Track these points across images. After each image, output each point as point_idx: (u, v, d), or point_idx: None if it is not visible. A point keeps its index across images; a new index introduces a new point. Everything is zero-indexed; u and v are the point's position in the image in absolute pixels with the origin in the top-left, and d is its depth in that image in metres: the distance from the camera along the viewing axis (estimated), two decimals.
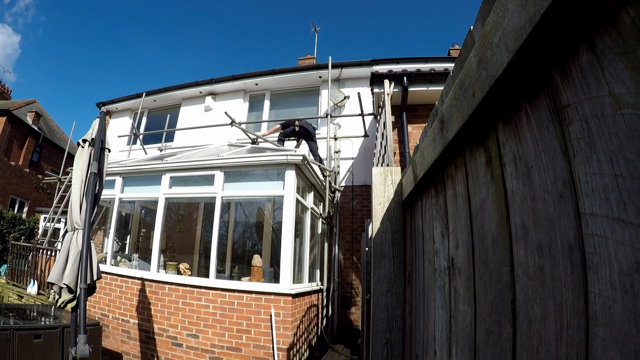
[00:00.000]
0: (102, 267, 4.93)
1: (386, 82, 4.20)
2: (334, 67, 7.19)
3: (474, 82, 0.54)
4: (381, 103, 4.52)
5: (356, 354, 4.31)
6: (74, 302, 2.48)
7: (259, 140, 6.84)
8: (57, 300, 2.51)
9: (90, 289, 2.55)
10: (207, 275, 4.35)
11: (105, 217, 6.74)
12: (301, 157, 4.27)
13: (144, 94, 9.13)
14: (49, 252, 6.63)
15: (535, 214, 0.43)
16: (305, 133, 6.08)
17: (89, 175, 2.65)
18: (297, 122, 6.05)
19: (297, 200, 4.50)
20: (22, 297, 6.43)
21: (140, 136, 8.40)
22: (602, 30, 0.32)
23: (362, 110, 6.07)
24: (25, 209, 13.82)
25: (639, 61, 0.28)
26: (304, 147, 6.38)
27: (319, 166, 5.31)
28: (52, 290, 2.51)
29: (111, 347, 4.53)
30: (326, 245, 5.64)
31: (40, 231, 10.58)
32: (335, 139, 6.83)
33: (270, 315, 3.82)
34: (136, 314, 4.48)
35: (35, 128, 15.93)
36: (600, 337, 0.31)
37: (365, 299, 2.60)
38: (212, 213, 4.59)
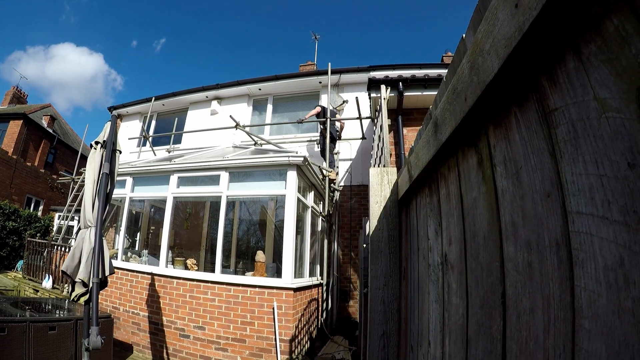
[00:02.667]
0: (114, 263, 4.94)
1: (383, 87, 4.19)
2: (333, 73, 7.19)
3: (466, 87, 0.54)
4: (378, 107, 4.51)
5: (354, 345, 4.31)
6: (87, 296, 2.48)
7: (262, 142, 6.84)
8: (70, 294, 2.52)
9: (102, 284, 2.55)
10: (213, 270, 4.35)
11: (116, 215, 6.74)
12: (302, 159, 4.27)
13: (153, 99, 9.12)
14: (63, 249, 6.63)
15: (524, 212, 0.43)
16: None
17: (101, 175, 2.65)
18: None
19: (298, 199, 4.50)
20: (37, 291, 6.43)
21: (150, 138, 8.40)
22: (588, 38, 0.32)
23: (359, 114, 6.07)
24: (41, 208, 13.81)
25: (623, 67, 0.28)
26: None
27: (319, 167, 5.31)
28: (66, 284, 2.52)
29: (122, 339, 4.52)
30: (326, 241, 5.64)
31: (54, 228, 10.59)
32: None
33: (273, 308, 3.82)
34: (146, 307, 4.48)
35: (50, 131, 15.92)
36: (586, 329, 0.31)
37: (363, 293, 2.60)
38: (218, 211, 4.59)
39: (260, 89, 8.25)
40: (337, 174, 6.35)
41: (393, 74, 6.17)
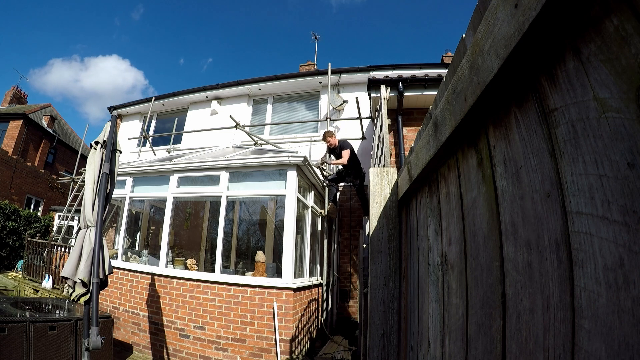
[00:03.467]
0: (114, 263, 4.94)
1: (383, 87, 4.20)
2: (333, 73, 7.19)
3: (466, 87, 0.54)
4: (378, 107, 4.51)
5: (354, 345, 4.31)
6: (87, 296, 2.48)
7: (262, 142, 6.84)
8: (70, 294, 2.52)
9: (102, 284, 2.55)
10: (213, 270, 4.35)
11: (116, 215, 6.74)
12: (302, 159, 4.27)
13: (153, 99, 9.12)
14: (63, 249, 6.63)
15: (524, 212, 0.43)
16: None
17: (101, 175, 2.65)
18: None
19: (298, 199, 4.50)
20: (37, 291, 6.43)
21: (150, 138, 8.40)
22: (588, 38, 0.32)
23: (359, 114, 6.07)
24: (41, 208, 13.81)
25: (623, 67, 0.28)
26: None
27: (319, 167, 5.31)
28: (66, 285, 2.52)
29: (122, 339, 4.52)
30: (326, 241, 5.64)
31: (54, 228, 10.59)
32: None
33: (273, 308, 3.82)
34: (146, 307, 4.48)
35: (50, 131, 15.92)
36: (586, 328, 0.31)
37: (363, 292, 2.59)
38: (218, 211, 4.59)
39: (260, 89, 8.26)
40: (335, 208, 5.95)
41: (393, 74, 6.17)
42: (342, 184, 6.60)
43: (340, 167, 5.36)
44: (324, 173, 5.44)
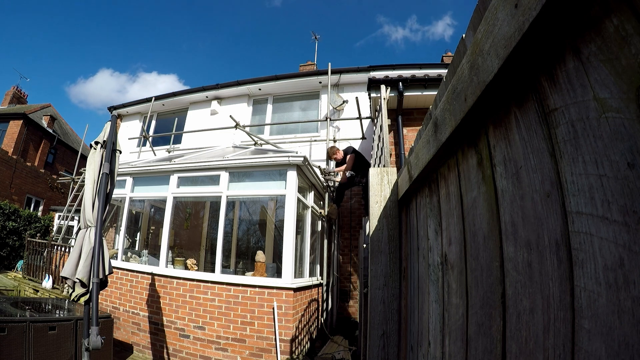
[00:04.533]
0: (114, 263, 4.94)
1: (383, 87, 4.19)
2: (333, 73, 7.19)
3: (466, 87, 0.54)
4: (378, 107, 4.51)
5: (354, 345, 4.31)
6: (87, 296, 2.48)
7: (262, 142, 6.84)
8: (70, 294, 2.52)
9: (102, 284, 2.55)
10: (213, 270, 4.35)
11: (116, 215, 6.74)
12: (302, 159, 4.27)
13: (153, 99, 9.12)
14: (63, 249, 6.63)
15: (524, 212, 0.43)
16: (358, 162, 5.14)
17: (101, 175, 2.65)
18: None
19: (298, 199, 4.50)
20: (37, 291, 6.43)
21: (150, 138, 8.40)
22: (588, 38, 0.32)
23: (359, 114, 6.07)
24: (41, 208, 13.81)
25: (623, 67, 0.28)
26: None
27: (319, 167, 5.31)
28: (66, 285, 2.52)
29: (122, 339, 4.52)
30: (326, 241, 5.64)
31: (54, 228, 10.59)
32: (335, 141, 6.83)
33: (273, 308, 3.82)
34: (146, 307, 4.48)
35: (50, 131, 15.91)
36: (586, 329, 0.31)
37: (363, 293, 2.59)
38: (218, 211, 4.59)
39: (260, 89, 8.26)
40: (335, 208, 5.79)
41: (393, 74, 6.17)
42: None
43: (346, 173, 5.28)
44: (330, 183, 5.46)
